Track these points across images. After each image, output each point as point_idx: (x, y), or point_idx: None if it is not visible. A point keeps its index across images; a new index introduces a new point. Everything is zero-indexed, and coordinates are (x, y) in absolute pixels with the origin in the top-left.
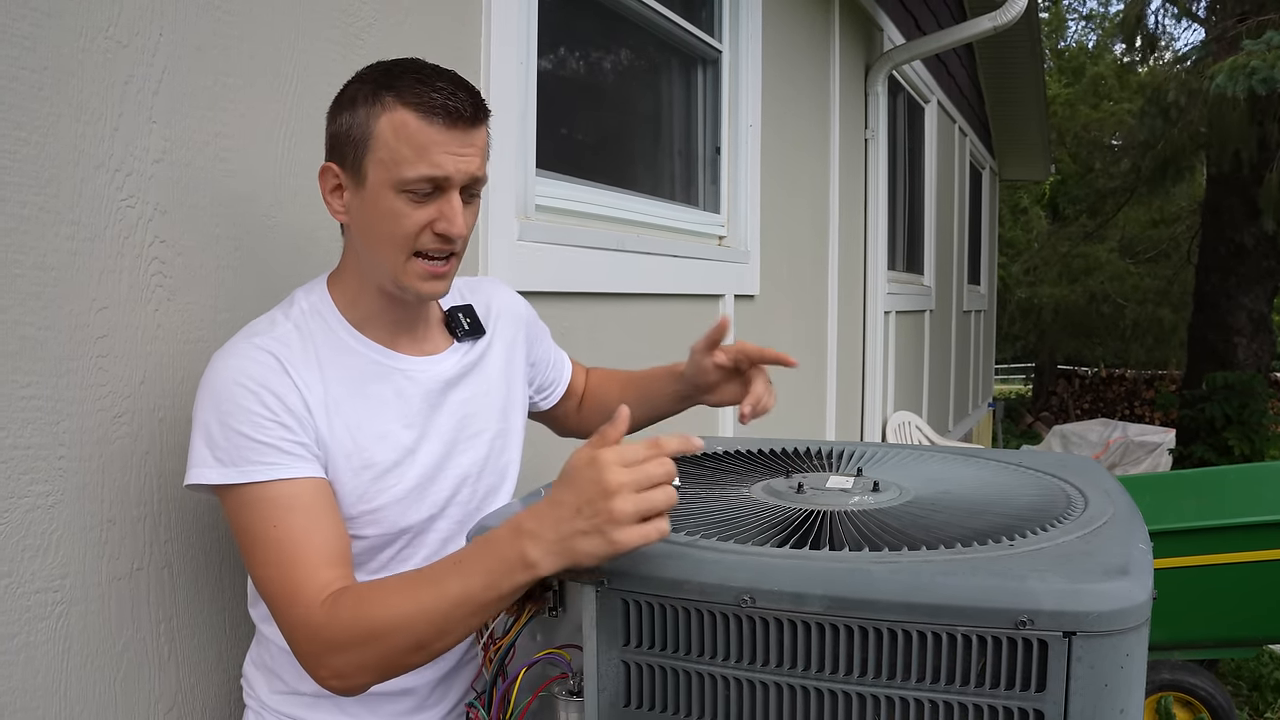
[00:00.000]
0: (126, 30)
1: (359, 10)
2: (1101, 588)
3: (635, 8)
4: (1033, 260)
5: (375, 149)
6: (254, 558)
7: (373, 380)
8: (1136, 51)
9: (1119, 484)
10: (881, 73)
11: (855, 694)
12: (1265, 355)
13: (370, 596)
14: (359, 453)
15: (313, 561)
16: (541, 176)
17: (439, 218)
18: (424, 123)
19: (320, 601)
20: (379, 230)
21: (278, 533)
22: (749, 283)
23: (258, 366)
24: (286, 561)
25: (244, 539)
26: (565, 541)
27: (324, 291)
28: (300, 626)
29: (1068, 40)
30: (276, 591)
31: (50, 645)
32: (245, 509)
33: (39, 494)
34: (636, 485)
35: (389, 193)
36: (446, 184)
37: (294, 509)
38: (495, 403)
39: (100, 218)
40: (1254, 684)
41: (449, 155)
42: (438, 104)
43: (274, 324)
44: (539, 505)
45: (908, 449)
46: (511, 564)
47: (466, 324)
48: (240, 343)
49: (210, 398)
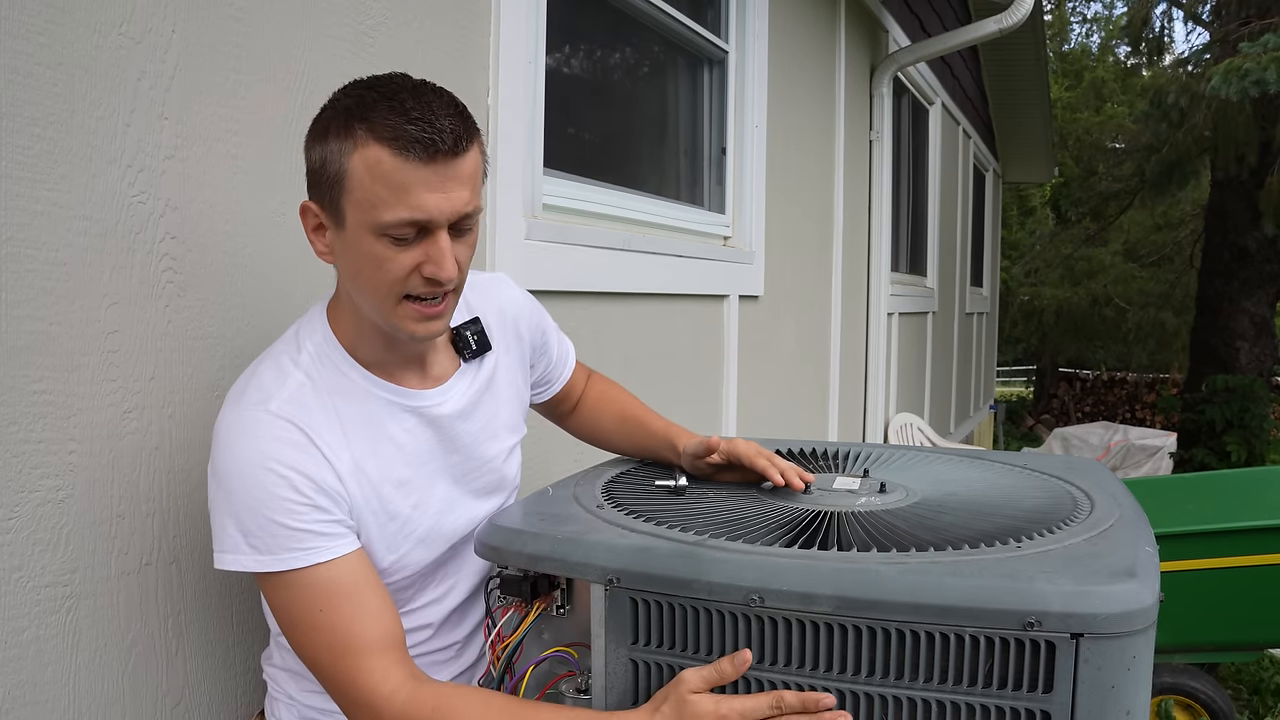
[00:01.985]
0: (140, 26)
1: (369, 8)
2: (1109, 590)
3: (643, 8)
4: (1035, 263)
5: (350, 189)
6: (303, 642)
7: (387, 422)
8: (1141, 54)
9: (1125, 487)
10: (886, 74)
11: (863, 694)
12: (1267, 359)
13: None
14: (384, 507)
15: (367, 648)
16: (549, 175)
17: (426, 260)
18: (399, 160)
19: (387, 694)
20: (364, 275)
21: (326, 619)
22: (754, 283)
23: (284, 447)
24: (340, 648)
25: (289, 623)
26: None
27: (326, 329)
28: (362, 707)
29: (1072, 43)
30: (333, 679)
31: (59, 639)
32: (287, 594)
33: (49, 489)
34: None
35: (369, 236)
36: (431, 225)
37: (339, 593)
38: (505, 418)
39: (112, 213)
40: (1255, 688)
41: (431, 195)
42: (413, 137)
43: (284, 376)
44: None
45: (913, 450)
46: None
47: (474, 343)
48: (255, 411)
49: (236, 482)
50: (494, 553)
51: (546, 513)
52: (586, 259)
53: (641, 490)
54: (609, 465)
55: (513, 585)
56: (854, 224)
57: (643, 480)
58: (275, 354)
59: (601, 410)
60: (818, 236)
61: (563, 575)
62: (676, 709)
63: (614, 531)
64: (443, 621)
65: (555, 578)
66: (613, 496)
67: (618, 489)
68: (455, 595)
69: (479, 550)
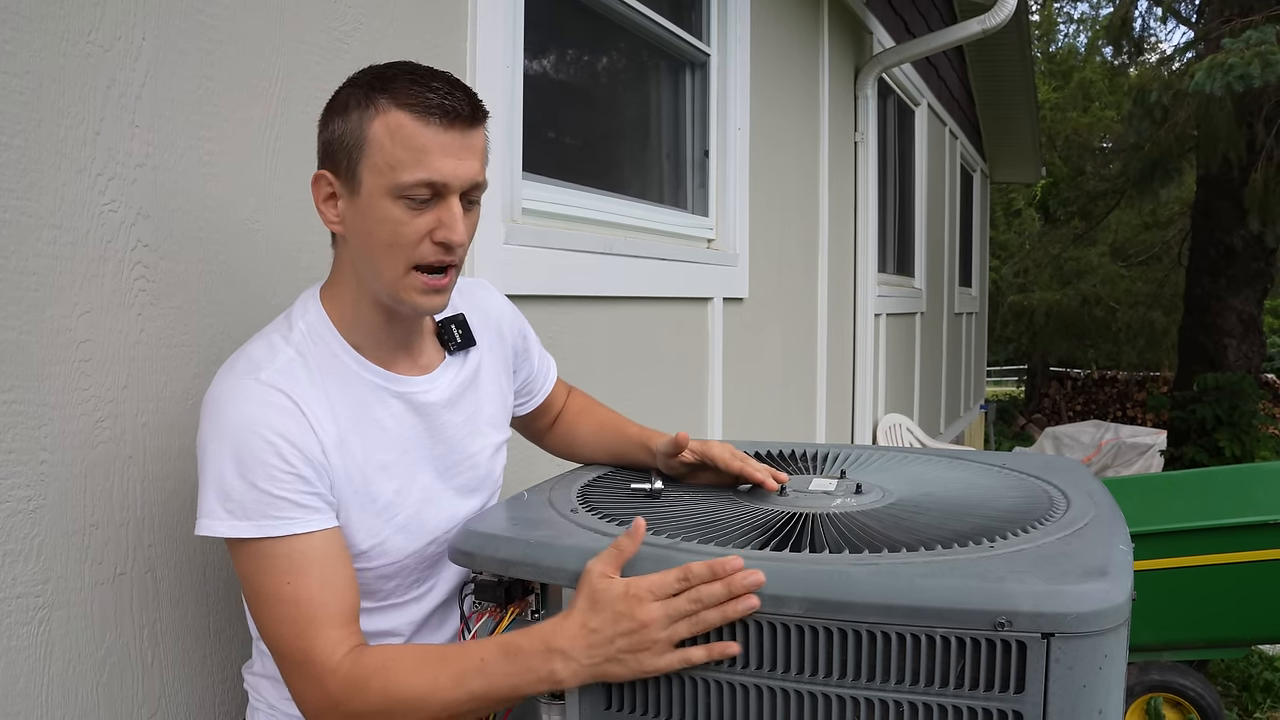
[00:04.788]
0: (109, 35)
1: (344, 14)
2: (1080, 589)
3: (622, 11)
4: (1024, 263)
5: (370, 153)
6: (264, 614)
7: (375, 406)
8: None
9: (1102, 485)
10: (871, 76)
11: (835, 696)
12: (1255, 357)
13: (391, 670)
14: (365, 488)
15: (326, 623)
16: (528, 180)
17: (438, 225)
18: (420, 124)
19: (334, 666)
20: (376, 239)
21: (291, 590)
22: (738, 286)
23: (274, 412)
24: (302, 620)
25: (254, 594)
26: (597, 666)
27: (320, 310)
28: (313, 689)
29: (1058, 43)
30: (288, 652)
31: (31, 650)
32: (257, 563)
33: (20, 499)
34: (669, 619)
35: (385, 199)
36: (445, 190)
37: (308, 567)
38: (489, 414)
39: (82, 222)
40: (1243, 684)
41: (448, 159)
42: (434, 104)
43: (275, 351)
44: (569, 625)
45: (893, 451)
46: (538, 678)
47: (459, 336)
48: (246, 380)
49: (227, 446)
50: (467, 558)
51: (520, 517)
52: (567, 263)
53: (617, 494)
54: (585, 470)
55: (487, 590)
56: (840, 226)
57: (618, 484)
58: (266, 333)
59: (580, 421)
60: (803, 238)
61: (536, 580)
62: (589, 598)
63: (587, 535)
64: (423, 621)
65: (530, 583)
66: (588, 500)
67: (593, 493)
68: (435, 595)
69: (452, 556)
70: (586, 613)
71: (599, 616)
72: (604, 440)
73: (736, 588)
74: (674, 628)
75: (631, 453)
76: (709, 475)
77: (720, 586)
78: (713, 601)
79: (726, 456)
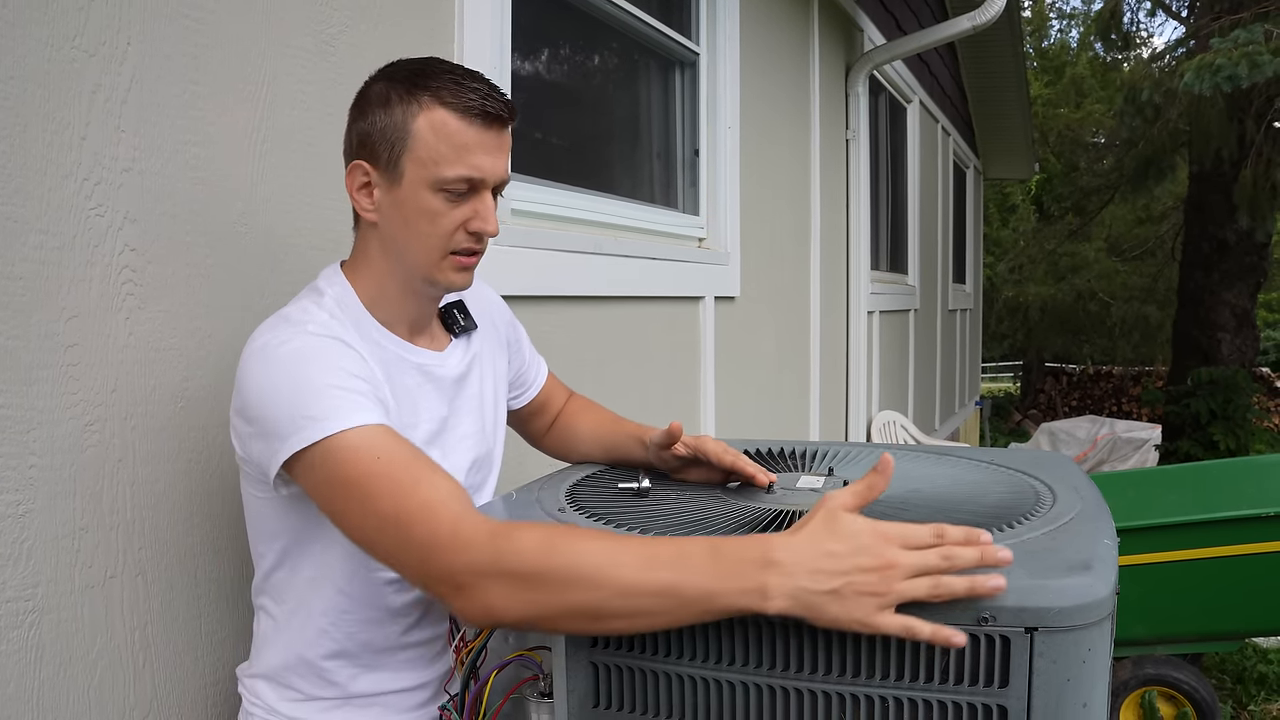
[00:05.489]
0: (93, 39)
1: (330, 17)
2: (1063, 583)
3: (610, 11)
4: (1019, 259)
5: (414, 147)
6: (366, 502)
7: (399, 374)
8: (1115, 49)
9: (1089, 480)
10: (862, 73)
11: (821, 692)
12: (1249, 350)
13: (559, 531)
14: None
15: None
16: (517, 180)
17: (474, 216)
18: (463, 123)
19: (465, 510)
20: (415, 228)
21: (385, 463)
22: (730, 284)
23: (322, 341)
24: (409, 482)
25: (347, 491)
26: (814, 595)
27: (346, 284)
28: (449, 540)
29: (1051, 39)
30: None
31: (21, 654)
32: (341, 459)
33: (9, 503)
34: (915, 569)
35: (426, 191)
36: (481, 185)
37: (396, 444)
38: (491, 396)
39: (69, 226)
40: (1238, 677)
41: (486, 156)
42: (475, 105)
43: (309, 314)
44: (797, 541)
45: (883, 448)
46: (745, 586)
47: (462, 320)
48: (285, 330)
49: (282, 376)
50: None
51: (511, 516)
52: (557, 263)
53: (605, 493)
54: (574, 469)
55: None
56: (832, 223)
57: (607, 483)
58: (296, 301)
59: (578, 420)
60: (795, 236)
61: None
62: (829, 523)
63: None
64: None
65: None
66: (575, 500)
67: (581, 492)
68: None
69: None
70: (822, 534)
71: (840, 543)
72: (599, 436)
73: (989, 559)
74: (915, 582)
75: (627, 446)
76: (700, 471)
77: (975, 552)
78: (964, 564)
79: (719, 451)
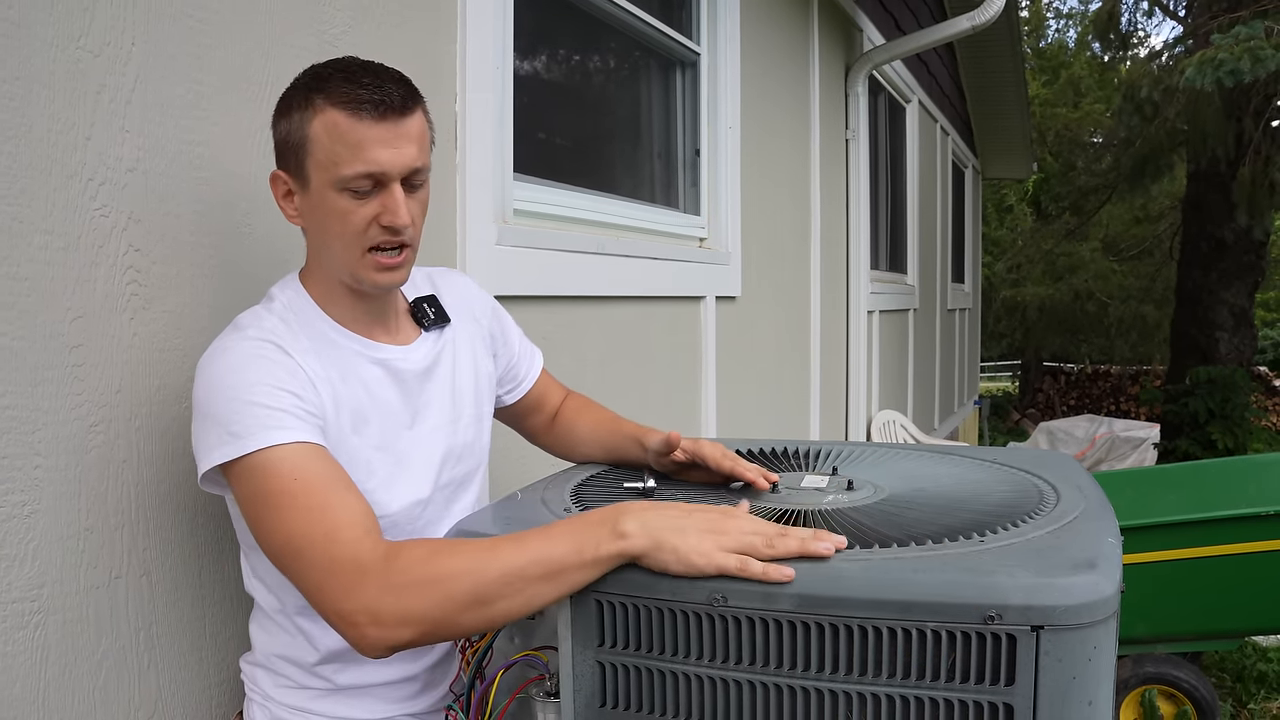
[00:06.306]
0: (98, 40)
1: (332, 17)
2: (1069, 581)
3: (612, 11)
4: (1017, 259)
5: (313, 151)
6: (276, 519)
7: (357, 368)
8: (1113, 47)
9: (1092, 479)
10: (861, 73)
11: (827, 690)
12: (1247, 350)
13: (439, 544)
14: (344, 439)
15: (348, 504)
16: (519, 181)
17: (383, 211)
18: (354, 120)
19: (366, 535)
20: (329, 230)
21: (301, 484)
22: (731, 284)
23: (260, 347)
24: (317, 506)
25: (259, 509)
26: (661, 532)
27: (299, 288)
28: (344, 562)
29: (1048, 39)
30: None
31: (28, 655)
32: (260, 475)
33: (15, 504)
34: (751, 531)
35: (331, 192)
36: (385, 178)
37: (313, 464)
38: (467, 387)
39: (74, 227)
40: (1237, 675)
41: (384, 150)
42: (365, 99)
43: (259, 319)
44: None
45: (886, 448)
46: (602, 532)
47: (432, 314)
48: (231, 337)
49: (216, 385)
50: None
51: (514, 517)
52: (559, 263)
53: (610, 493)
54: (579, 469)
55: None
56: (832, 223)
57: (612, 483)
58: (248, 310)
59: (578, 419)
60: (795, 236)
61: None
62: None
63: None
64: None
65: None
66: (581, 499)
67: (586, 492)
68: None
69: None
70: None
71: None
72: (599, 436)
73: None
74: (750, 537)
75: (626, 448)
76: (701, 474)
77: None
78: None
79: (717, 456)
